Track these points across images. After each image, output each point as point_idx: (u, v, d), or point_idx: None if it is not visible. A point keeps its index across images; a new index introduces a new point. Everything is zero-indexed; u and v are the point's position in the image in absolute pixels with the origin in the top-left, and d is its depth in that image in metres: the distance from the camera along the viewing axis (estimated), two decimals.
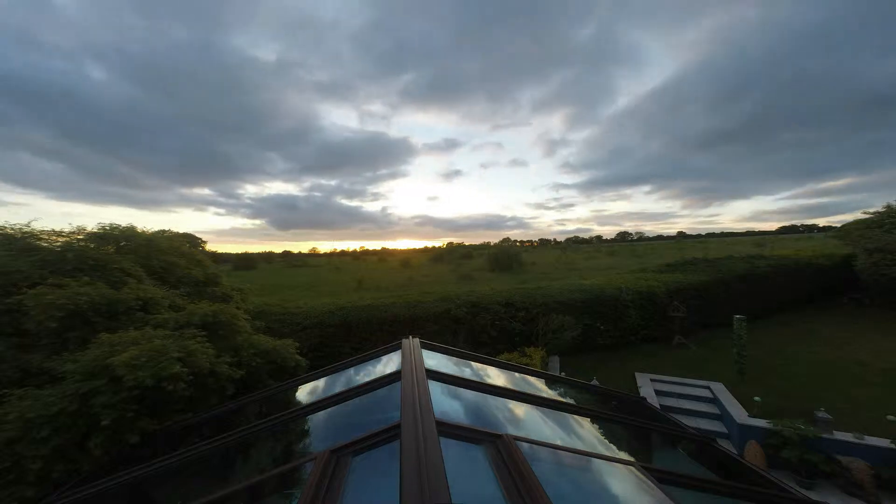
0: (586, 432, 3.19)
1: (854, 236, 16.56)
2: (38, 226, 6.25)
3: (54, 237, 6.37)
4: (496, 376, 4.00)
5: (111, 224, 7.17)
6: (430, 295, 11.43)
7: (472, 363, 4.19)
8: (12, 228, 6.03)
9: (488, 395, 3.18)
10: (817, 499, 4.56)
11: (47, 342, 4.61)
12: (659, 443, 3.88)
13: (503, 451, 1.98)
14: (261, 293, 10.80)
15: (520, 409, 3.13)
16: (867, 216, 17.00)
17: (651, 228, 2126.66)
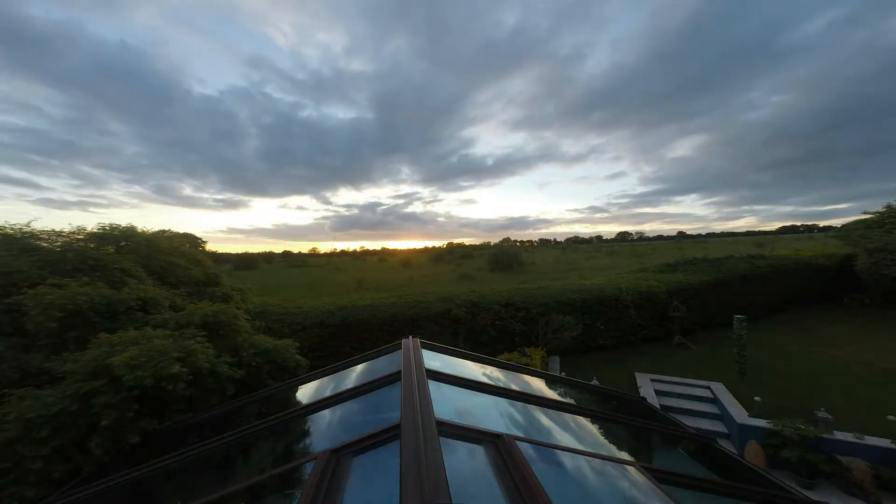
0: (586, 432, 3.19)
1: (854, 236, 16.56)
2: (38, 226, 6.27)
3: (54, 237, 6.37)
4: (496, 376, 3.99)
5: (111, 224, 7.17)
6: (430, 295, 11.42)
7: (473, 363, 4.19)
8: (12, 228, 6.04)
9: (488, 395, 3.18)
10: (817, 499, 4.57)
11: (47, 342, 4.61)
12: (659, 443, 3.88)
13: (503, 451, 1.98)
14: (261, 293, 10.80)
15: (520, 409, 3.13)
16: (867, 216, 17.00)
17: (687, 227, 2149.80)
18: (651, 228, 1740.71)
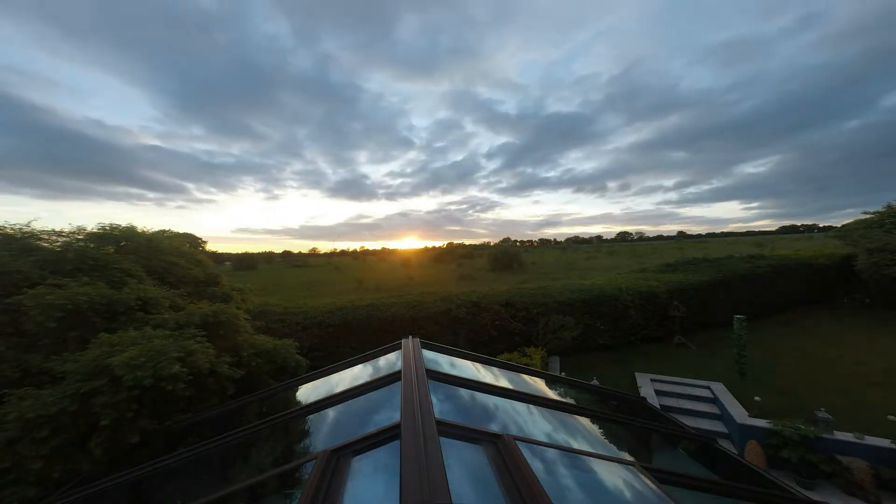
0: (586, 432, 3.18)
1: (854, 236, 16.56)
2: (38, 225, 6.26)
3: (54, 237, 6.37)
4: (496, 376, 3.99)
5: (111, 224, 7.17)
6: (431, 295, 11.42)
7: (472, 363, 4.19)
8: (12, 228, 6.03)
9: (488, 395, 3.18)
10: (817, 499, 4.57)
11: (47, 342, 4.61)
12: (659, 443, 3.88)
13: (503, 451, 1.98)
14: (261, 293, 10.80)
15: (520, 409, 3.13)
16: (867, 216, 17.00)
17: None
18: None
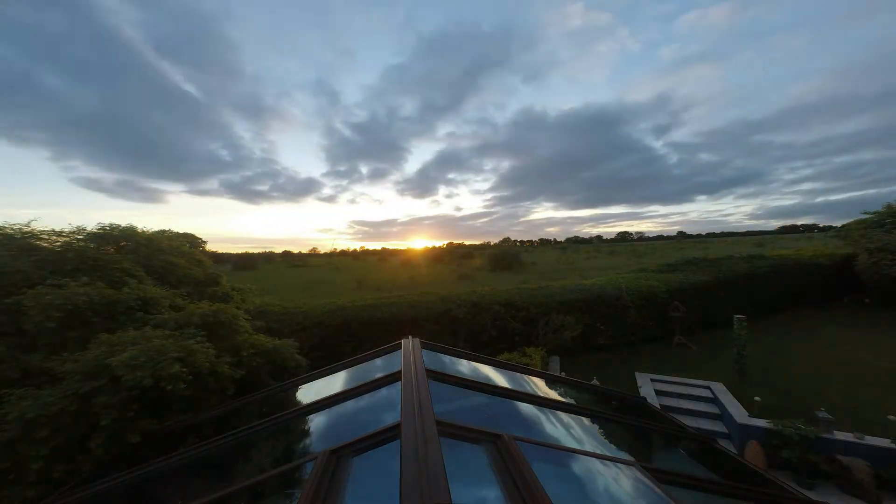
0: (586, 432, 3.18)
1: (855, 236, 16.55)
2: (38, 225, 6.26)
3: (54, 237, 6.37)
4: (496, 376, 3.99)
5: (111, 224, 7.17)
6: (430, 295, 11.41)
7: (472, 363, 4.19)
8: (12, 228, 6.03)
9: (488, 395, 3.18)
10: (817, 499, 4.56)
11: (47, 342, 4.61)
12: (659, 443, 3.88)
13: (503, 451, 1.98)
14: (261, 293, 10.79)
15: (520, 409, 3.13)
16: (868, 216, 16.99)
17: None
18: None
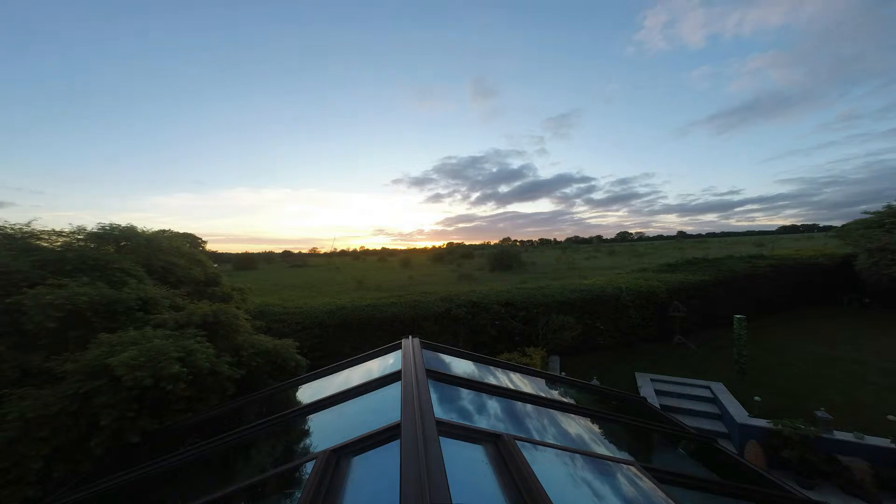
0: (586, 432, 3.19)
1: (855, 236, 16.53)
2: (38, 225, 6.26)
3: (54, 237, 6.37)
4: (496, 376, 3.99)
5: (111, 224, 7.17)
6: (430, 295, 11.42)
7: (472, 363, 4.19)
8: (12, 228, 6.03)
9: (488, 395, 3.18)
10: (817, 499, 4.56)
11: (47, 342, 4.61)
12: (659, 443, 3.88)
13: (503, 450, 1.98)
14: (261, 293, 10.79)
15: (520, 408, 3.13)
16: (868, 216, 16.98)
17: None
18: None
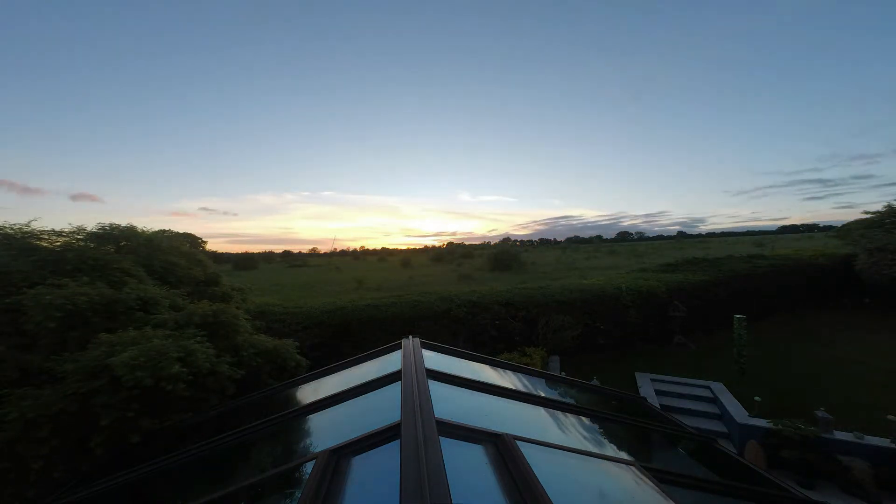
0: (586, 432, 3.19)
1: (854, 236, 16.55)
2: (38, 225, 6.26)
3: (54, 237, 6.37)
4: (496, 376, 3.99)
5: (111, 224, 7.16)
6: (430, 295, 11.42)
7: (472, 363, 4.19)
8: (12, 228, 6.03)
9: (488, 395, 3.18)
10: (817, 499, 4.56)
11: (47, 342, 4.60)
12: (659, 443, 3.88)
13: (503, 450, 1.98)
14: (261, 293, 10.80)
15: (520, 408, 3.13)
16: (868, 216, 16.99)
17: None
18: None
